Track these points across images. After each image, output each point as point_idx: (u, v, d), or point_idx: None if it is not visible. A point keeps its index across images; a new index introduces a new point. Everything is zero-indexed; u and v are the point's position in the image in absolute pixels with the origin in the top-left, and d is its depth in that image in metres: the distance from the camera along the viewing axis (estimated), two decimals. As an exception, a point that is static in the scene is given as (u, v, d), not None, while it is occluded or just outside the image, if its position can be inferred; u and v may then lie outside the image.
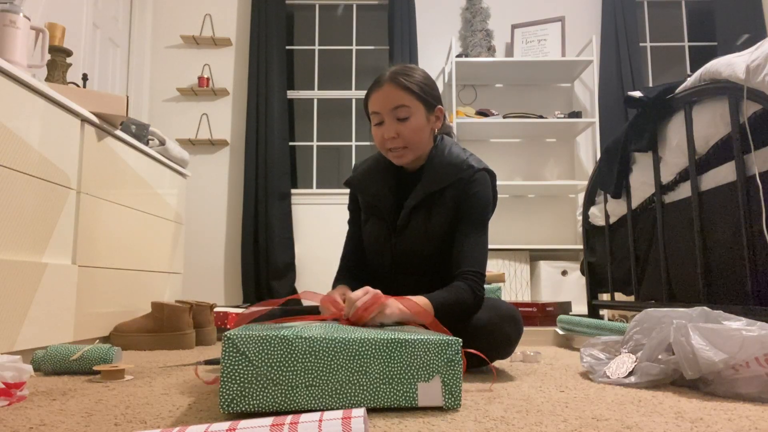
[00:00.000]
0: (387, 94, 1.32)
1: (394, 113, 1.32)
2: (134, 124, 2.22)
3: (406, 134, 1.33)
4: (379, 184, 1.44)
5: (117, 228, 2.03)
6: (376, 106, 1.34)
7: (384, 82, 1.33)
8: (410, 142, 1.34)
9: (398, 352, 0.89)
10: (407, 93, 1.32)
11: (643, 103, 1.88)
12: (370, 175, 1.47)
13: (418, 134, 1.35)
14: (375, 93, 1.34)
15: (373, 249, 1.46)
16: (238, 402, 0.82)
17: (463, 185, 1.37)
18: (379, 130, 1.35)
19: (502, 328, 1.26)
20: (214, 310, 2.32)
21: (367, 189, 1.46)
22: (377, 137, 1.37)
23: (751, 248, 1.45)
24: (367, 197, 1.46)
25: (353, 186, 1.49)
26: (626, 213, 2.16)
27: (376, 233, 1.45)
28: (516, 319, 1.29)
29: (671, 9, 4.11)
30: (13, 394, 0.96)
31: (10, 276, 1.43)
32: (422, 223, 1.37)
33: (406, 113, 1.32)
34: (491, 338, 1.26)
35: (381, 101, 1.33)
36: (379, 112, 1.33)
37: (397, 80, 1.32)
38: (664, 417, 0.86)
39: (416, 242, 1.38)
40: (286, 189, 3.69)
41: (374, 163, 1.49)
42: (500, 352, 1.30)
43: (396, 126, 1.33)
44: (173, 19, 3.87)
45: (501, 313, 1.27)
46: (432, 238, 1.37)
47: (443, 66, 3.90)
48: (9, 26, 1.65)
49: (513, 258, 3.59)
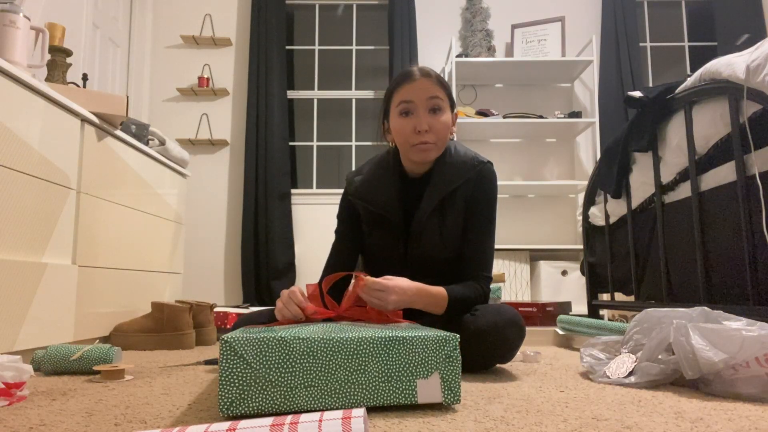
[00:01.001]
0: (423, 85, 1.32)
1: (429, 103, 1.32)
2: (134, 124, 2.22)
3: (438, 128, 1.33)
4: (386, 194, 1.40)
5: (117, 228, 2.03)
6: (409, 95, 1.33)
7: (418, 76, 1.33)
8: (440, 137, 1.34)
9: (396, 350, 0.89)
10: (441, 88, 1.34)
11: (643, 103, 1.88)
12: (374, 183, 1.43)
13: (446, 131, 1.36)
14: (407, 84, 1.34)
15: (383, 258, 1.44)
16: (237, 405, 0.82)
17: (473, 183, 1.38)
18: (408, 121, 1.33)
19: (505, 332, 1.26)
20: (214, 310, 2.32)
21: (374, 200, 1.41)
22: (405, 128, 1.34)
23: (751, 248, 1.45)
24: (376, 208, 1.41)
25: (359, 198, 1.44)
26: (626, 213, 2.16)
27: (386, 244, 1.42)
28: (518, 324, 1.28)
29: (671, 9, 4.11)
30: (13, 394, 0.96)
31: (10, 276, 1.43)
32: (437, 229, 1.37)
33: (441, 105, 1.33)
34: (494, 342, 1.26)
35: (416, 91, 1.32)
36: (413, 101, 1.32)
37: (432, 75, 1.34)
38: (664, 417, 0.86)
39: (432, 248, 1.38)
40: (286, 189, 3.69)
41: (377, 170, 1.45)
42: (502, 356, 1.31)
43: (429, 118, 1.33)
44: (173, 19, 3.87)
45: (504, 317, 1.27)
46: (448, 242, 1.38)
47: (443, 66, 3.90)
48: (9, 26, 1.65)
49: (513, 258, 3.59)
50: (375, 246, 1.45)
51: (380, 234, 1.42)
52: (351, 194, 1.46)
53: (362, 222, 1.47)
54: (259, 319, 1.32)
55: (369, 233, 1.45)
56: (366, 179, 1.45)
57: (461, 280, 1.37)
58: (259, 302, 3.59)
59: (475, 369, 1.32)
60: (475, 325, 1.26)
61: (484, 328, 1.25)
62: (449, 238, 1.38)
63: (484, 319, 1.26)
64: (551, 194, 3.85)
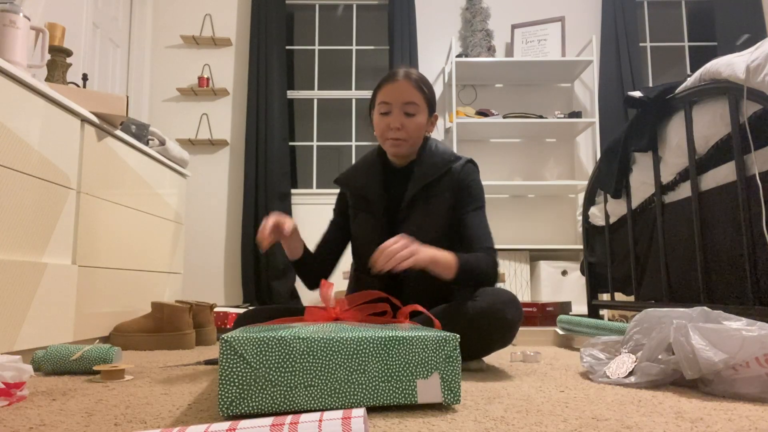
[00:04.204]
0: (402, 88, 1.41)
1: (404, 107, 1.42)
2: (134, 124, 2.22)
3: (410, 128, 1.43)
4: (367, 177, 1.53)
5: (117, 228, 2.03)
6: (388, 97, 1.42)
7: (400, 78, 1.42)
8: (411, 136, 1.44)
9: (396, 350, 0.89)
10: (420, 93, 1.43)
11: (643, 103, 1.88)
12: (358, 169, 1.56)
13: (419, 131, 1.46)
14: (389, 85, 1.43)
15: (366, 243, 1.48)
16: (237, 404, 0.82)
17: (458, 174, 1.46)
18: (385, 118, 1.44)
19: (504, 311, 1.28)
20: (214, 310, 2.32)
21: (354, 182, 1.54)
22: (381, 125, 1.45)
23: (751, 248, 1.45)
24: (355, 189, 1.53)
25: (341, 181, 1.58)
26: (626, 213, 2.16)
27: (367, 228, 1.49)
28: (516, 303, 1.31)
29: (671, 9, 4.11)
30: (13, 394, 0.96)
31: (10, 276, 1.43)
32: (421, 215, 1.44)
33: (414, 110, 1.43)
34: (493, 322, 1.28)
35: (395, 94, 1.42)
36: (390, 102, 1.42)
37: (413, 79, 1.42)
38: (664, 417, 0.86)
39: (419, 229, 1.43)
40: (286, 189, 3.69)
41: (363, 160, 1.59)
42: (502, 338, 1.31)
43: (403, 119, 1.42)
44: (173, 19, 3.87)
45: (502, 298, 1.30)
46: (432, 229, 1.43)
47: (443, 66, 3.90)
48: (9, 26, 1.65)
49: (513, 258, 3.59)
50: (359, 230, 1.52)
51: (363, 217, 1.51)
52: (339, 180, 1.59)
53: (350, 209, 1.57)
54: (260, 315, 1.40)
55: (354, 217, 1.54)
56: (352, 167, 1.60)
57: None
58: (259, 302, 3.59)
59: (476, 354, 1.34)
60: (474, 307, 1.29)
61: (484, 308, 1.28)
62: (433, 226, 1.43)
63: (483, 300, 1.30)
64: (551, 194, 3.85)
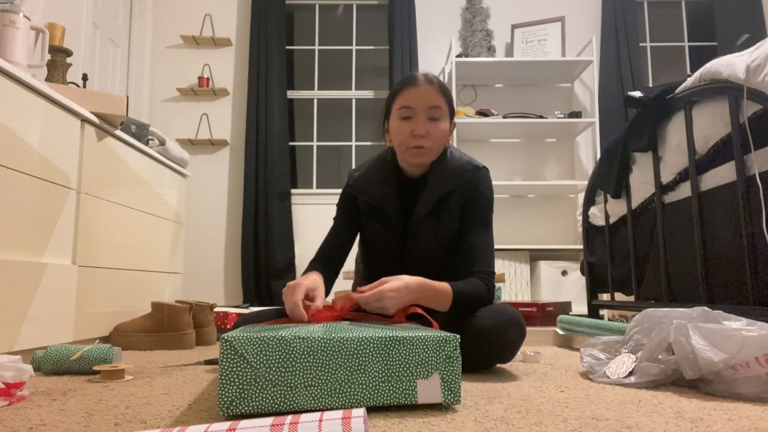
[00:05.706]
0: (426, 92, 1.35)
1: (429, 112, 1.36)
2: (134, 124, 2.22)
3: (435, 135, 1.36)
4: (382, 187, 1.45)
5: (117, 228, 2.03)
6: (411, 102, 1.36)
7: (422, 82, 1.36)
8: (436, 143, 1.38)
9: (396, 350, 0.89)
10: (443, 97, 1.37)
11: (643, 103, 1.88)
12: (373, 177, 1.48)
13: (443, 139, 1.39)
14: (410, 89, 1.36)
15: (379, 253, 1.48)
16: (237, 404, 0.82)
17: (468, 185, 1.40)
18: (407, 124, 1.36)
19: (506, 332, 1.26)
20: (214, 310, 2.32)
21: (369, 191, 1.47)
22: (402, 131, 1.37)
23: (751, 248, 1.45)
24: (371, 200, 1.46)
25: (356, 189, 1.49)
26: (626, 213, 2.16)
27: (381, 239, 1.46)
28: (520, 324, 1.29)
29: (671, 9, 4.11)
30: (13, 394, 0.96)
31: (10, 276, 1.43)
32: (432, 230, 1.40)
33: (439, 114, 1.37)
34: (495, 342, 1.26)
35: (418, 98, 1.35)
36: (414, 107, 1.35)
37: (435, 83, 1.36)
38: (664, 417, 0.86)
39: (427, 248, 1.41)
40: (286, 189, 3.69)
41: (376, 165, 1.50)
42: (503, 356, 1.31)
43: (427, 124, 1.36)
44: (173, 19, 3.87)
45: (505, 317, 1.28)
46: (442, 244, 1.40)
47: (443, 66, 3.90)
48: (9, 26, 1.64)
49: (513, 258, 3.58)
50: (371, 239, 1.49)
51: (376, 227, 1.46)
52: (350, 185, 1.51)
53: (361, 214, 1.51)
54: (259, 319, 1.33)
55: (366, 225, 1.49)
56: (365, 174, 1.50)
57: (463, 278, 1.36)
58: (259, 302, 3.59)
59: (476, 368, 1.33)
60: (476, 325, 1.26)
61: (486, 327, 1.26)
62: (444, 240, 1.40)
63: (486, 319, 1.27)
64: (551, 194, 3.85)
